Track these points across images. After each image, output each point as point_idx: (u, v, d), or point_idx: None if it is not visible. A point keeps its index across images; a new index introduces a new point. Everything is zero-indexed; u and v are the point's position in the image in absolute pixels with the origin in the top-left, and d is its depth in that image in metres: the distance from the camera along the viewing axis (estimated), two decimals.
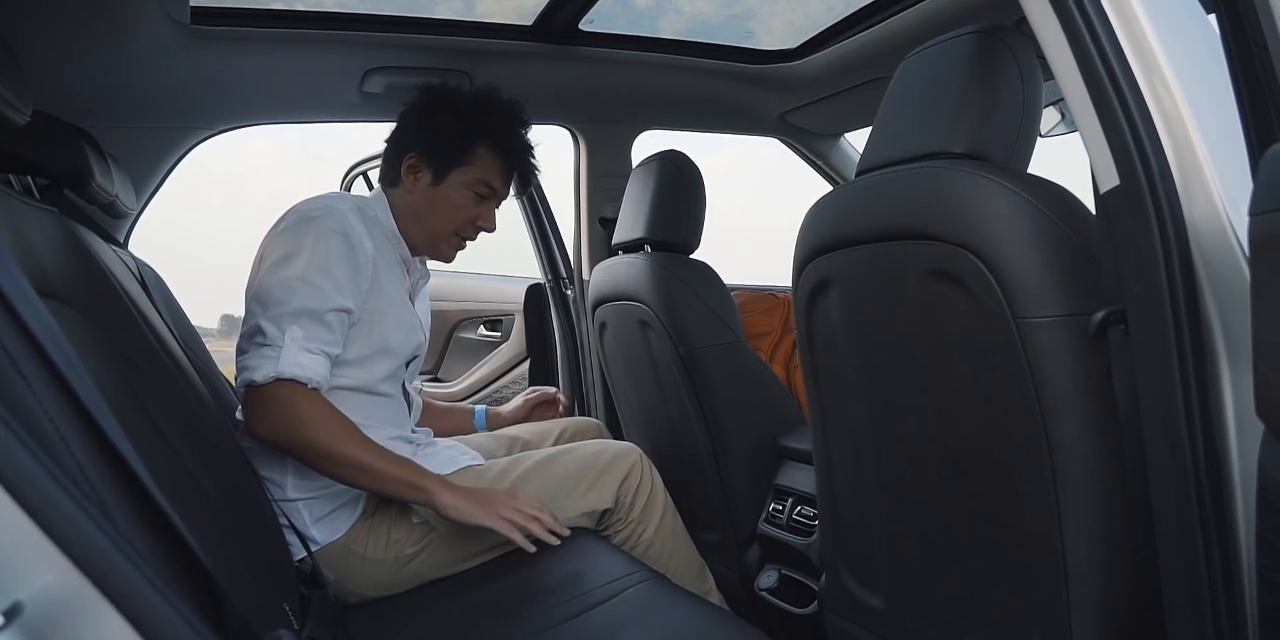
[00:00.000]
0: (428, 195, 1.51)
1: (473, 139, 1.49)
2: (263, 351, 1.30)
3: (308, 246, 1.33)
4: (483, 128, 1.49)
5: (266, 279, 1.33)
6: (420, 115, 1.52)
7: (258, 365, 1.29)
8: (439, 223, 1.52)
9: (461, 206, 1.51)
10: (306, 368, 1.30)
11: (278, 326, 1.30)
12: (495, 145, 1.50)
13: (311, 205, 1.39)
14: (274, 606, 0.95)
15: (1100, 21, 0.79)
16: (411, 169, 1.51)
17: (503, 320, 2.74)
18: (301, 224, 1.36)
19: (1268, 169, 0.59)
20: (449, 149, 1.49)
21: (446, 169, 1.50)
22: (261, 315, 1.31)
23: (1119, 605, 0.92)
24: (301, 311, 1.31)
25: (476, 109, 1.50)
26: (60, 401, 0.52)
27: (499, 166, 1.52)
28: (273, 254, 1.35)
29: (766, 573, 1.65)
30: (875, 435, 1.18)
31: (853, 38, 2.02)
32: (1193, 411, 0.75)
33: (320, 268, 1.33)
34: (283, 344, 1.29)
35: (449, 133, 1.49)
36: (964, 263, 0.94)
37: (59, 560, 0.42)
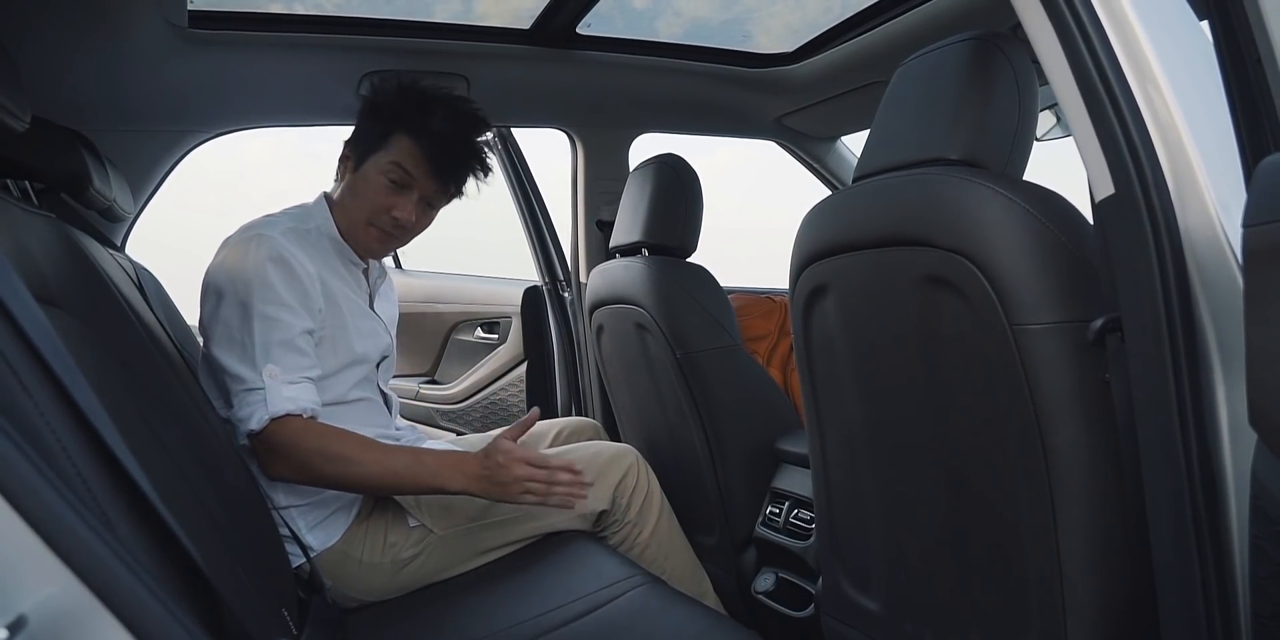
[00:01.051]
0: (350, 183, 1.48)
1: (390, 125, 1.45)
2: (247, 398, 1.29)
3: (251, 280, 1.31)
4: (398, 113, 1.45)
5: (221, 321, 1.32)
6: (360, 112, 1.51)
7: (250, 413, 1.28)
8: (355, 209, 1.48)
9: (376, 191, 1.45)
10: (296, 399, 1.29)
11: (252, 368, 1.29)
12: (409, 130, 1.44)
13: (242, 236, 1.37)
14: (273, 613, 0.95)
15: (1094, 28, 0.80)
16: (344, 159, 1.50)
17: (500, 323, 2.74)
18: (237, 258, 1.34)
19: (1261, 181, 0.59)
20: (370, 136, 1.47)
21: (365, 155, 1.46)
22: (231, 361, 1.30)
23: (1114, 610, 0.93)
24: (269, 346, 1.30)
25: (397, 94, 1.47)
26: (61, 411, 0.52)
27: (413, 151, 1.45)
28: (217, 292, 1.33)
29: (763, 576, 1.65)
30: (872, 439, 1.18)
31: (849, 42, 2.03)
32: (1187, 419, 0.75)
33: (270, 299, 1.31)
34: (263, 384, 1.28)
35: (370, 121, 1.48)
36: (960, 269, 0.95)
37: (61, 572, 0.42)
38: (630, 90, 2.24)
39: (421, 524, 1.41)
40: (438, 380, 2.91)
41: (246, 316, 1.30)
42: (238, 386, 1.29)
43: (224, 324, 1.31)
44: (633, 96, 2.27)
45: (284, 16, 1.85)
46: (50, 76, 1.65)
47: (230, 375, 1.30)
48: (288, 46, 1.85)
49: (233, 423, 1.31)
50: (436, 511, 1.42)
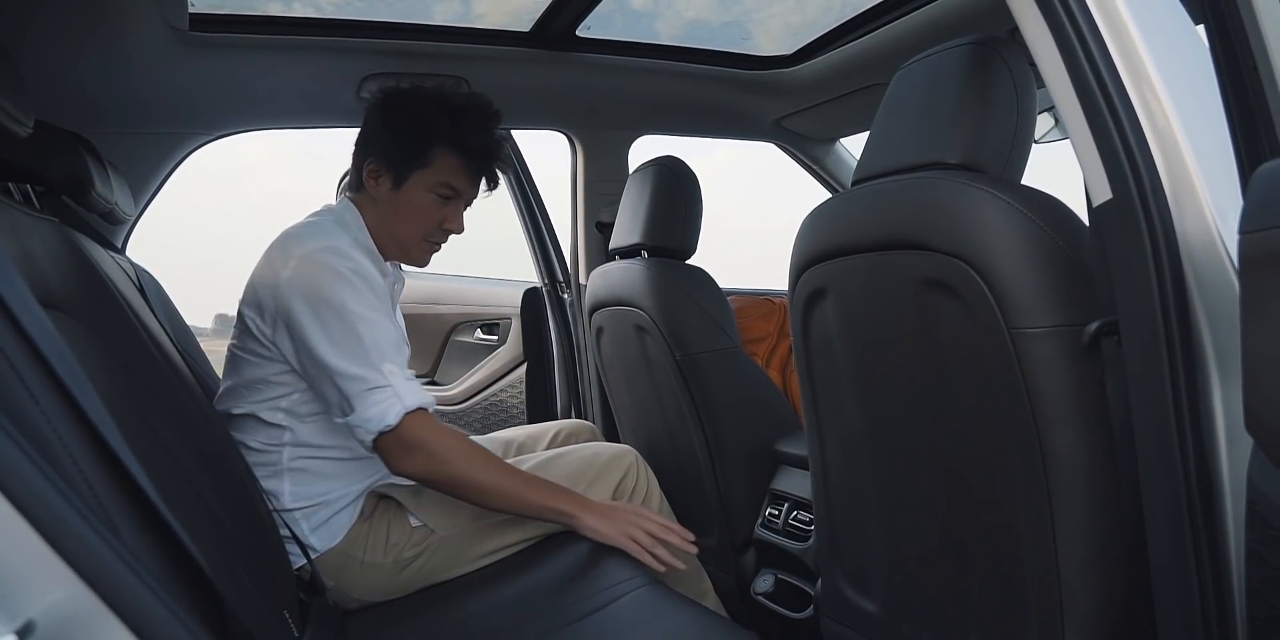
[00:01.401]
0: (390, 201, 1.46)
1: (429, 140, 1.43)
2: (374, 396, 1.28)
3: (342, 289, 1.31)
4: (438, 127, 1.42)
5: (320, 330, 1.29)
6: (377, 118, 1.47)
7: (383, 410, 1.27)
8: (405, 229, 1.48)
9: (425, 210, 1.46)
10: (419, 394, 1.31)
11: (372, 368, 1.28)
12: (453, 145, 1.43)
13: (315, 248, 1.34)
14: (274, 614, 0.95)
15: (1092, 34, 0.80)
16: (372, 174, 1.46)
17: (500, 324, 2.74)
18: (320, 270, 1.32)
19: (1258, 187, 0.60)
20: (406, 152, 1.44)
21: (406, 173, 1.44)
22: (345, 364, 1.28)
23: (1111, 613, 0.93)
24: (380, 346, 1.30)
25: (432, 108, 1.44)
26: (66, 416, 0.52)
27: (460, 166, 1.45)
28: (303, 305, 1.30)
29: (763, 577, 1.66)
30: (871, 442, 1.19)
31: (848, 44, 2.03)
32: (1184, 423, 0.76)
33: (368, 304, 1.32)
34: (387, 382, 1.28)
35: (404, 136, 1.44)
36: (958, 273, 0.95)
37: (68, 577, 0.42)
38: (630, 92, 2.25)
39: (424, 524, 1.41)
40: (437, 381, 2.91)
41: (350, 321, 1.29)
42: (359, 387, 1.28)
43: (325, 332, 1.29)
44: (632, 98, 2.27)
45: (284, 19, 1.86)
46: (51, 79, 1.66)
47: (348, 377, 1.28)
48: (288, 49, 1.85)
49: (351, 425, 1.30)
50: (438, 511, 1.42)
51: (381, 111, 1.47)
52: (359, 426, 1.29)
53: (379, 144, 1.46)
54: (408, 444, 1.30)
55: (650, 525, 1.36)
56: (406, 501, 1.42)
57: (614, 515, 1.36)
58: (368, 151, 1.48)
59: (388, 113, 1.46)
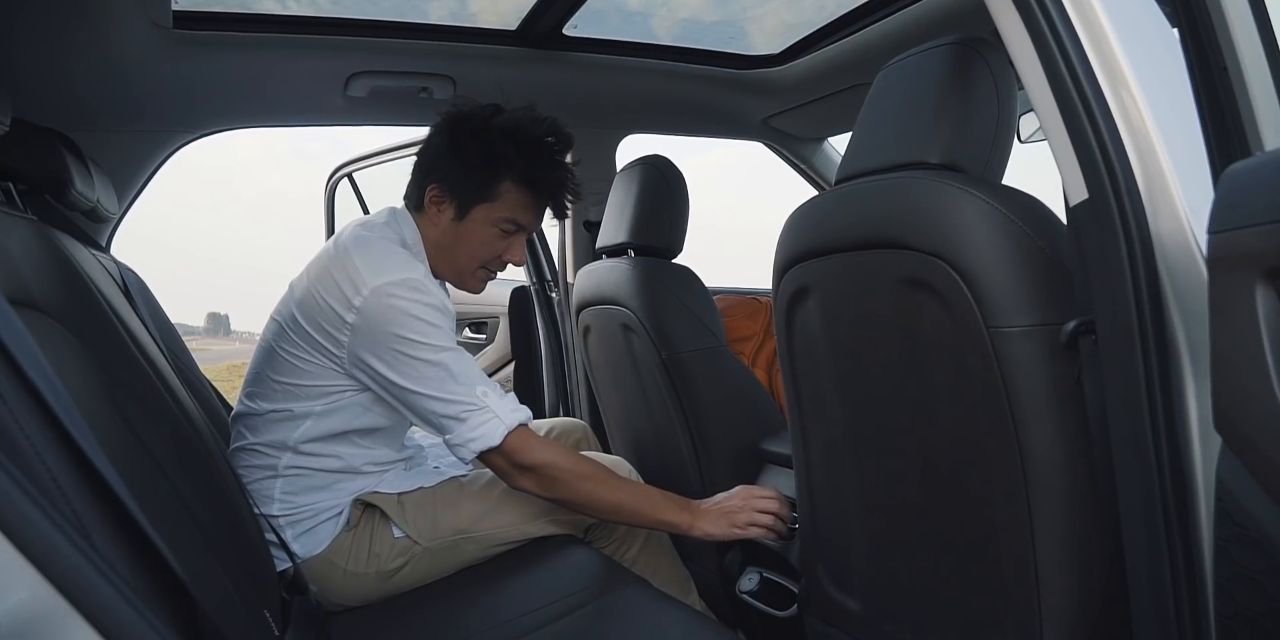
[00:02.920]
0: (451, 230, 1.43)
1: (498, 174, 1.39)
2: (475, 417, 1.29)
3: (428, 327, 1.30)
4: (508, 161, 1.38)
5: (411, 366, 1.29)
6: (443, 142, 1.42)
7: (488, 431, 1.29)
8: (464, 259, 1.45)
9: (486, 243, 1.44)
10: (518, 411, 1.33)
11: (468, 393, 1.29)
12: (523, 180, 1.40)
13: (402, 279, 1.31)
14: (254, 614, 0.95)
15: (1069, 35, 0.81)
16: (435, 200, 1.43)
17: (487, 323, 2.74)
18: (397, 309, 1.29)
19: (1225, 188, 0.60)
20: (472, 184, 1.40)
21: (470, 204, 1.41)
22: (440, 391, 1.29)
23: (1088, 610, 0.94)
24: (468, 371, 1.31)
25: (503, 139, 1.38)
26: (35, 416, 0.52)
27: (527, 203, 1.42)
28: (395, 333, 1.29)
29: (747, 575, 1.66)
30: (853, 440, 1.19)
31: (835, 44, 2.04)
32: (1158, 421, 0.76)
33: (447, 337, 1.32)
34: (486, 403, 1.29)
35: (472, 166, 1.39)
36: (938, 272, 0.96)
37: (34, 578, 0.42)
38: (616, 91, 2.25)
39: (406, 535, 1.40)
40: None
41: (433, 359, 1.29)
42: (457, 410, 1.29)
43: (410, 372, 1.29)
44: (619, 97, 2.27)
45: (270, 17, 1.85)
46: (32, 76, 1.64)
47: (446, 402, 1.29)
48: (273, 47, 1.85)
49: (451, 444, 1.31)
50: (422, 523, 1.42)
51: (450, 135, 1.42)
52: (459, 447, 1.31)
53: (444, 170, 1.42)
54: (518, 465, 1.32)
55: (760, 504, 1.40)
56: (391, 511, 1.41)
57: (724, 515, 1.38)
58: (431, 174, 1.43)
59: (457, 138, 1.41)
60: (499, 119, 1.40)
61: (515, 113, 1.42)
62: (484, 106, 1.42)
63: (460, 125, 1.41)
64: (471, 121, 1.40)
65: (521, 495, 1.44)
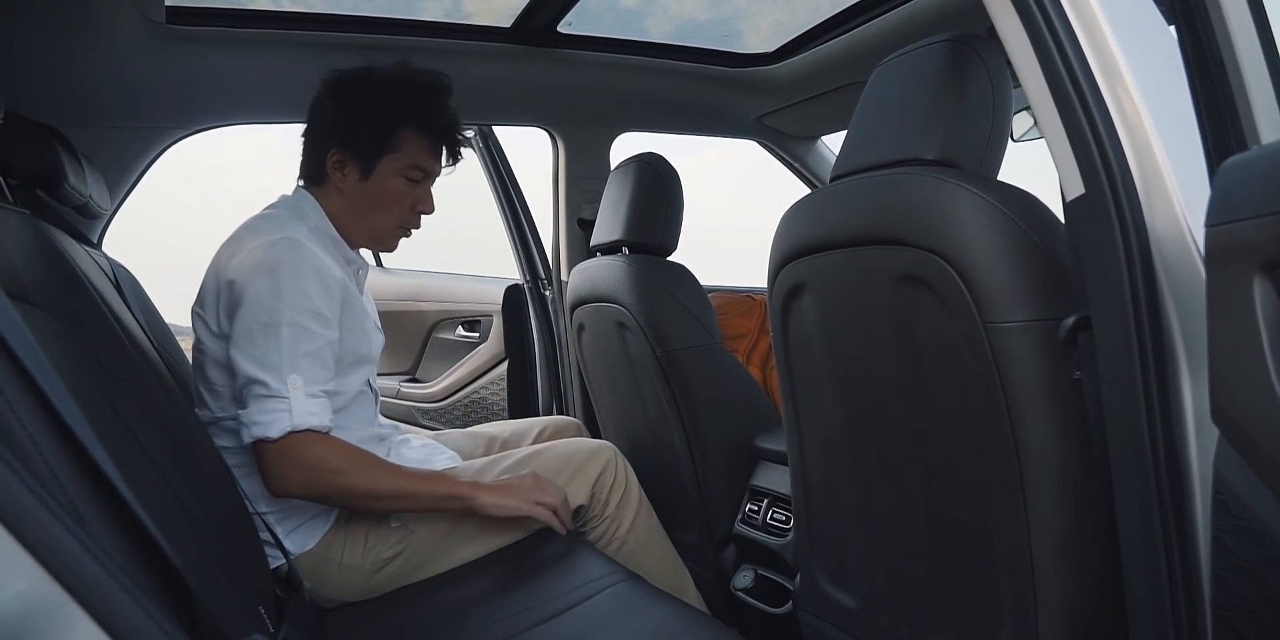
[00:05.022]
0: (360, 191, 1.43)
1: (396, 122, 1.40)
2: (268, 404, 1.25)
3: (283, 286, 1.27)
4: (404, 108, 1.40)
5: (242, 323, 1.27)
6: (333, 106, 1.42)
7: (269, 420, 1.24)
8: (379, 217, 1.46)
9: (398, 195, 1.45)
10: (317, 414, 1.27)
11: (277, 376, 1.25)
12: (421, 124, 1.41)
13: (270, 239, 1.30)
14: (249, 609, 0.95)
15: (1065, 32, 0.81)
16: (337, 165, 1.42)
17: (481, 321, 2.74)
18: (269, 261, 1.28)
19: (1222, 181, 0.61)
20: (372, 138, 1.40)
21: (375, 159, 1.41)
22: (250, 365, 1.26)
23: (1084, 604, 0.94)
24: (295, 356, 1.26)
25: (392, 89, 1.40)
26: (33, 407, 0.52)
27: (429, 147, 1.44)
28: (240, 293, 1.28)
29: (742, 573, 1.66)
30: (848, 437, 1.19)
31: (829, 42, 2.04)
32: (1154, 415, 0.77)
33: (302, 307, 1.28)
34: (288, 394, 1.25)
35: (369, 121, 1.40)
36: (934, 268, 0.96)
37: (32, 567, 0.42)
38: (611, 89, 2.25)
39: (403, 524, 1.41)
40: (418, 378, 2.91)
41: (274, 323, 1.26)
42: (257, 390, 1.25)
43: (246, 326, 1.27)
44: (613, 95, 2.27)
45: (262, 13, 1.85)
46: (24, 71, 1.63)
47: (249, 378, 1.26)
48: (265, 43, 1.84)
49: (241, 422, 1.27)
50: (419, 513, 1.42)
51: (337, 100, 1.42)
52: (244, 426, 1.26)
53: (340, 133, 1.42)
54: (288, 459, 1.26)
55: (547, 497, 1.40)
56: None
57: (510, 490, 1.39)
58: (327, 142, 1.43)
59: (346, 100, 1.42)
60: (380, 73, 1.42)
61: (392, 66, 1.43)
62: (359, 68, 1.43)
63: (346, 86, 1.42)
64: (355, 81, 1.42)
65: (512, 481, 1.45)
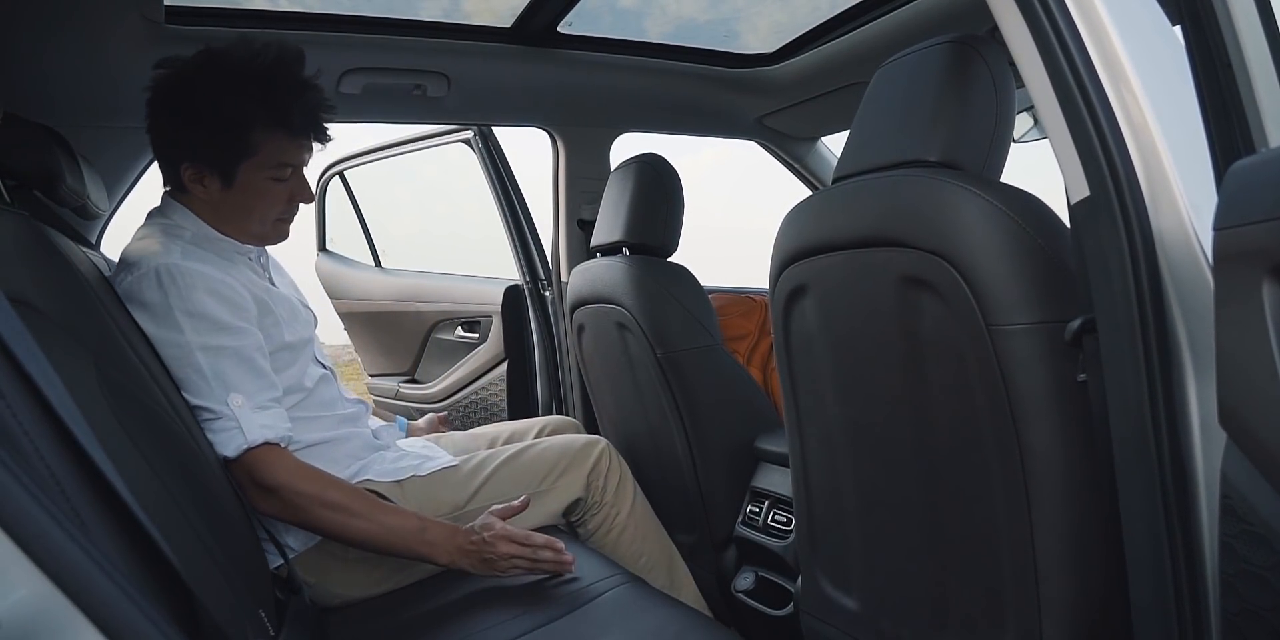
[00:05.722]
0: (227, 198, 1.33)
1: (242, 127, 1.27)
2: (217, 426, 1.22)
3: (175, 316, 1.22)
4: (246, 111, 1.26)
5: (166, 356, 1.23)
6: (167, 119, 1.30)
7: (224, 440, 1.22)
8: (254, 220, 1.36)
9: (268, 195, 1.34)
10: (271, 426, 1.24)
11: (214, 400, 1.22)
12: (273, 123, 1.28)
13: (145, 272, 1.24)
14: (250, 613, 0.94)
15: (1070, 33, 0.81)
16: (194, 178, 1.31)
17: (480, 322, 2.73)
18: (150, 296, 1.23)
19: (1231, 184, 0.60)
20: (222, 147, 1.28)
21: (232, 167, 1.30)
22: (189, 396, 1.22)
23: (1088, 606, 0.94)
24: (221, 376, 1.23)
25: (227, 92, 1.25)
26: (34, 412, 0.51)
27: (289, 142, 1.31)
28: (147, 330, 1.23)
29: (743, 574, 1.66)
30: (851, 438, 1.19)
31: (830, 43, 2.04)
32: (1159, 418, 0.76)
33: (203, 330, 1.23)
34: (232, 413, 1.22)
35: (213, 129, 1.26)
36: (938, 270, 0.96)
37: (35, 575, 0.41)
38: (611, 89, 2.24)
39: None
40: (417, 379, 2.90)
41: (186, 352, 1.22)
42: (204, 415, 1.22)
43: (168, 360, 1.23)
44: (614, 96, 2.27)
45: (262, 12, 1.84)
46: (22, 72, 1.63)
47: (193, 406, 1.22)
48: None
49: None
50: (420, 501, 1.42)
51: (172, 107, 1.29)
52: None
53: (186, 145, 1.30)
54: (254, 480, 1.24)
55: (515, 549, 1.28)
56: (390, 493, 1.41)
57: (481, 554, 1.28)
58: (176, 155, 1.32)
59: (183, 106, 1.27)
60: (218, 68, 1.27)
61: (230, 52, 1.27)
62: (192, 62, 1.28)
63: (180, 93, 1.28)
64: (190, 84, 1.27)
65: (514, 475, 1.45)
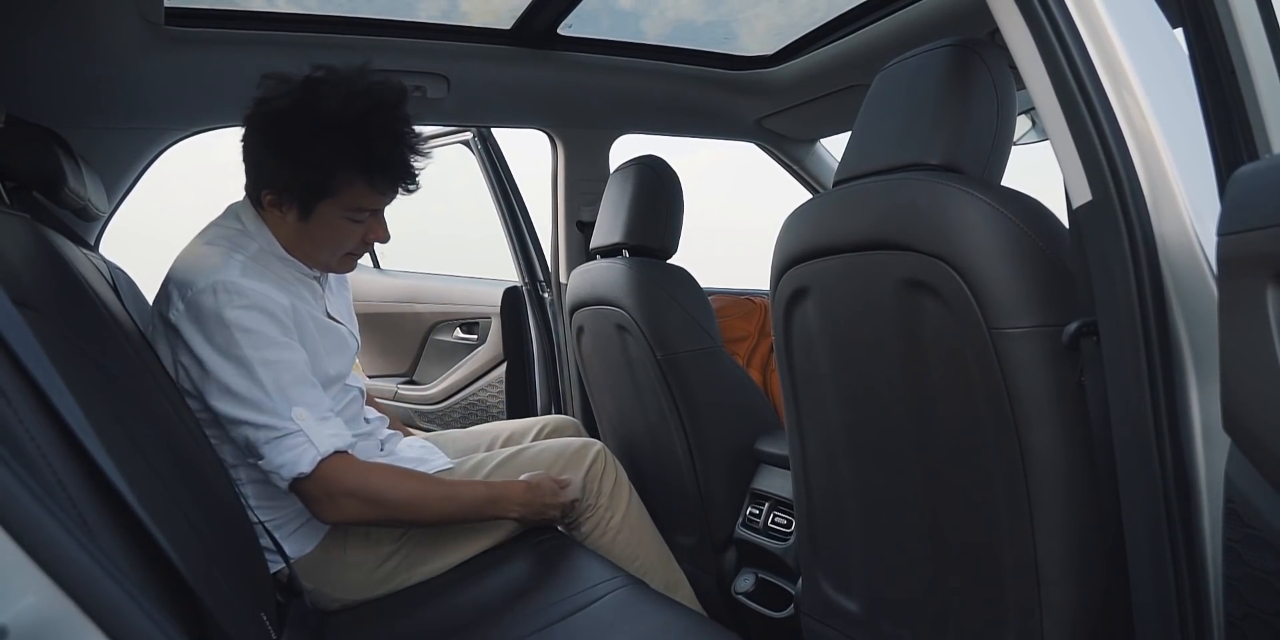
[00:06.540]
0: (301, 229, 1.34)
1: (329, 169, 1.28)
2: (285, 443, 1.22)
3: (233, 332, 1.23)
4: (336, 154, 1.27)
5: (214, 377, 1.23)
6: (261, 145, 1.31)
7: (296, 458, 1.22)
8: (324, 253, 1.38)
9: (341, 234, 1.35)
10: (339, 435, 1.26)
11: (280, 417, 1.22)
12: (359, 168, 1.29)
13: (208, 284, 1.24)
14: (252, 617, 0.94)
15: (1071, 36, 0.81)
16: (273, 204, 1.33)
17: (479, 323, 2.73)
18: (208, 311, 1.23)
19: (1235, 190, 0.61)
20: (306, 185, 1.29)
21: (311, 204, 1.31)
22: (249, 414, 1.22)
23: (1090, 610, 0.94)
24: (284, 388, 1.23)
25: (323, 132, 1.26)
26: (40, 417, 0.51)
27: (369, 189, 1.31)
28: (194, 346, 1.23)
29: (743, 576, 1.66)
30: (851, 441, 1.19)
31: (829, 45, 2.04)
32: (1161, 422, 0.76)
33: (261, 344, 1.24)
34: (300, 427, 1.22)
35: (299, 167, 1.28)
36: (939, 273, 0.96)
37: (43, 581, 0.41)
38: (611, 91, 2.24)
39: None
40: (416, 380, 2.90)
41: (245, 367, 1.22)
42: (268, 435, 1.22)
43: (218, 378, 1.23)
44: (613, 97, 2.27)
45: (262, 14, 1.83)
46: (23, 73, 1.62)
47: (253, 426, 1.22)
48: (266, 44, 1.83)
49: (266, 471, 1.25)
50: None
51: (266, 135, 1.30)
52: (272, 472, 1.24)
53: (272, 175, 1.31)
54: (326, 487, 1.25)
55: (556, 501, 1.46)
56: None
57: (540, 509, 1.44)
58: (260, 178, 1.33)
59: (275, 138, 1.29)
60: (315, 107, 1.26)
61: (332, 89, 1.27)
62: (295, 91, 1.28)
63: (275, 125, 1.29)
64: (286, 118, 1.28)
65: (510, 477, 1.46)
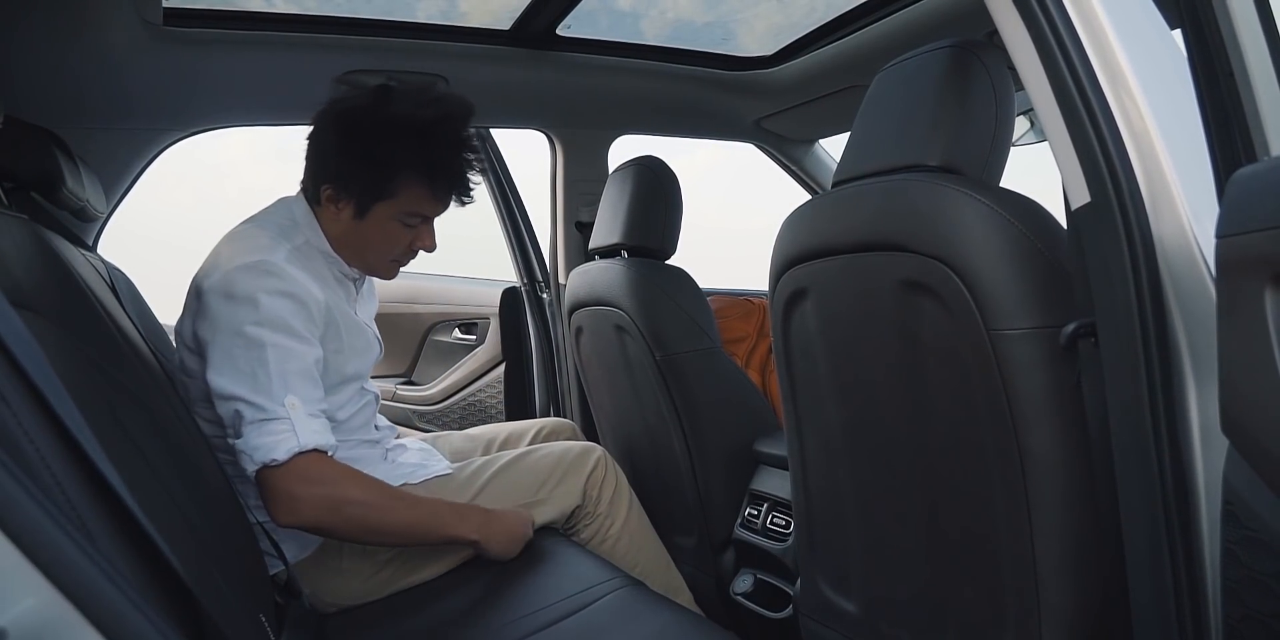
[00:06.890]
0: (353, 228, 1.37)
1: (393, 170, 1.31)
2: (268, 426, 1.20)
3: (260, 311, 1.23)
4: (402, 157, 1.30)
5: (222, 348, 1.23)
6: (331, 140, 1.34)
7: (274, 443, 1.19)
8: (371, 255, 1.41)
9: (392, 237, 1.38)
10: (321, 433, 1.23)
11: (270, 398, 1.20)
12: (421, 174, 1.32)
13: (245, 263, 1.25)
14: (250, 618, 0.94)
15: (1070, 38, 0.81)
16: (330, 199, 1.35)
17: (478, 323, 2.73)
18: (242, 287, 1.24)
19: (1234, 192, 0.61)
20: (368, 183, 1.32)
21: (369, 203, 1.34)
22: (242, 390, 1.21)
23: (1088, 611, 0.94)
24: (286, 375, 1.22)
25: (393, 134, 1.29)
26: (39, 419, 0.51)
27: (426, 195, 1.35)
28: (216, 316, 1.24)
29: (742, 577, 1.66)
30: (850, 441, 1.19)
31: (828, 46, 2.04)
32: (1159, 424, 0.77)
33: (281, 329, 1.24)
34: (288, 415, 1.20)
35: (364, 165, 1.31)
36: (938, 274, 0.96)
37: (41, 584, 0.41)
38: (609, 92, 2.24)
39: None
40: (415, 381, 2.90)
41: (257, 346, 1.22)
42: (254, 414, 1.20)
43: (226, 351, 1.22)
44: (612, 98, 2.27)
45: (261, 14, 1.83)
46: (21, 74, 1.62)
47: (244, 403, 1.21)
48: (264, 44, 1.83)
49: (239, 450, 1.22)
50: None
51: (336, 132, 1.33)
52: (244, 453, 1.21)
53: (336, 170, 1.34)
54: (296, 482, 1.20)
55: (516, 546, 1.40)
56: None
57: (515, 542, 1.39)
58: (322, 173, 1.36)
59: (344, 137, 1.32)
60: (386, 110, 1.31)
61: (404, 96, 1.32)
62: (369, 94, 1.33)
63: (346, 122, 1.32)
64: (357, 116, 1.32)
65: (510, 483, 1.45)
